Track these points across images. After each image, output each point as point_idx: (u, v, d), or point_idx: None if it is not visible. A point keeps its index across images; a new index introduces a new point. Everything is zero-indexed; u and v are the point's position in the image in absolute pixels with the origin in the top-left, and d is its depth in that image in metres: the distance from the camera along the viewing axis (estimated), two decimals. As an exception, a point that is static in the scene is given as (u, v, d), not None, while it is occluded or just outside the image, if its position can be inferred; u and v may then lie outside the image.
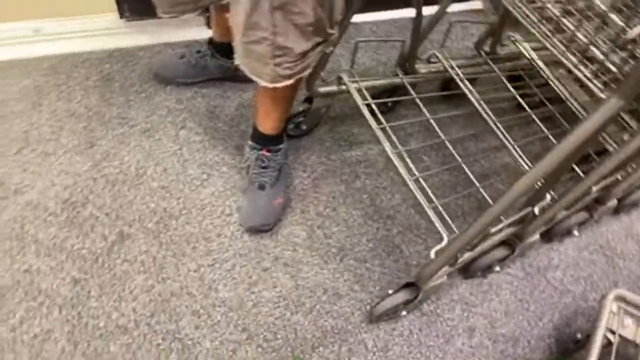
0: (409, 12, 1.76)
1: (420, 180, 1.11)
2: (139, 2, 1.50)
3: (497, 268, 1.23)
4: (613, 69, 0.74)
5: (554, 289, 1.27)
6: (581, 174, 1.21)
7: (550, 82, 1.38)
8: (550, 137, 1.30)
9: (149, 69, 1.44)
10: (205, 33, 1.57)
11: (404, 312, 1.13)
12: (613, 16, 0.72)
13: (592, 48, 0.77)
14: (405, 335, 1.14)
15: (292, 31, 0.88)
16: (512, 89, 1.36)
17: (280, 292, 1.14)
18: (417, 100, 1.26)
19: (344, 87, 1.28)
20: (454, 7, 1.26)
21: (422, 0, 1.18)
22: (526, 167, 1.19)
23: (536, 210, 1.09)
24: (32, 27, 1.45)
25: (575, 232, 1.33)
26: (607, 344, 0.98)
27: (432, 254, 1.00)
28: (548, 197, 1.10)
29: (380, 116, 1.18)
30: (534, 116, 1.32)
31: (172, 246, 1.16)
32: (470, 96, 1.24)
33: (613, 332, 0.98)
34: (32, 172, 1.20)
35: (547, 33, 0.82)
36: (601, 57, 0.75)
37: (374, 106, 1.21)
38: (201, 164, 1.30)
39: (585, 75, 0.76)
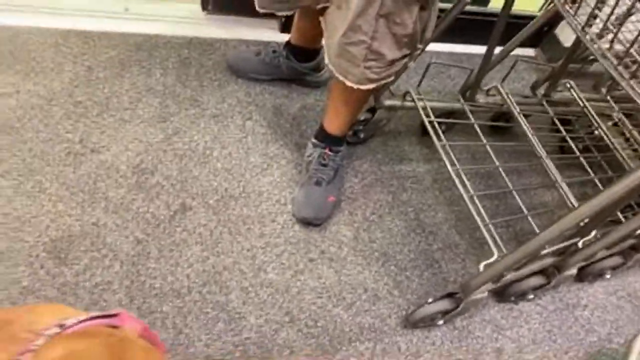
0: (466, 48, 1.88)
1: (475, 198, 1.17)
2: (223, -2, 1.62)
3: (531, 296, 1.27)
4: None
5: (581, 326, 1.31)
6: (622, 219, 1.27)
7: (600, 131, 1.45)
8: (597, 181, 1.36)
9: (224, 60, 1.53)
10: (277, 36, 1.67)
11: (441, 322, 1.17)
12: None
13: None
14: (437, 344, 1.17)
15: (389, 39, 0.96)
16: (563, 131, 1.43)
17: (323, 284, 1.19)
18: (476, 126, 1.33)
19: (408, 103, 1.36)
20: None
21: (496, 40, 1.27)
22: (573, 204, 1.25)
23: (580, 243, 1.15)
24: (123, 5, 1.56)
25: (608, 275, 1.37)
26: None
27: (481, 267, 1.06)
28: (593, 233, 1.15)
29: (441, 134, 1.26)
30: (582, 159, 1.39)
31: (229, 224, 1.22)
32: (527, 131, 1.31)
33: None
34: (108, 135, 1.28)
35: (625, 75, 0.90)
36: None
37: (436, 124, 1.28)
38: (263, 154, 1.37)
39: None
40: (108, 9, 1.53)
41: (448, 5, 1.17)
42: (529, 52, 2.04)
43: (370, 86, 1.05)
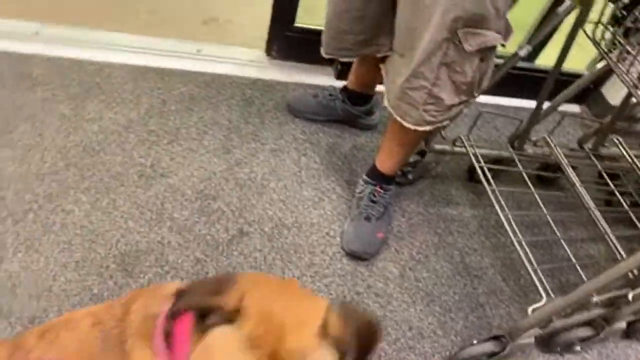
0: (511, 101, 1.95)
1: (524, 244, 1.19)
2: (285, 45, 1.75)
3: (578, 348, 1.26)
4: None
5: (630, 385, 1.28)
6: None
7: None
8: (646, 235, 1.36)
9: (284, 100, 1.65)
10: (332, 81, 1.78)
11: (486, 365, 1.17)
12: None
13: None
14: (481, 388, 1.17)
15: (449, 85, 1.03)
16: (612, 185, 1.44)
17: (369, 318, 1.22)
18: (524, 175, 1.37)
19: (457, 148, 1.42)
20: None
21: (546, 95, 1.34)
22: (622, 255, 1.25)
23: (630, 295, 1.14)
24: (196, 47, 1.71)
25: (658, 334, 1.34)
26: None
27: (529, 311, 1.07)
28: (644, 286, 1.15)
29: (491, 180, 1.30)
30: (631, 214, 1.40)
31: (282, 252, 1.27)
32: (575, 183, 1.34)
33: None
34: (177, 162, 1.38)
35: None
36: None
37: (485, 170, 1.33)
38: (315, 188, 1.45)
39: None
40: (183, 49, 1.69)
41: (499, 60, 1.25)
42: (574, 108, 2.09)
43: (427, 128, 1.12)
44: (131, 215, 1.24)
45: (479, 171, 1.31)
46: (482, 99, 1.91)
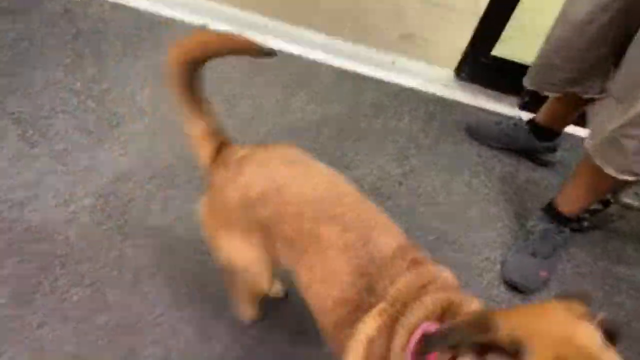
0: None
1: None
2: (476, 70, 1.79)
3: None
4: None
5: None
6: None
7: None
8: None
9: (464, 121, 1.69)
10: (515, 112, 1.77)
11: None
12: None
13: None
14: None
15: (670, 140, 0.99)
16: None
17: (516, 351, 1.21)
18: None
19: (650, 207, 1.32)
20: None
21: None
22: None
23: None
24: (391, 59, 1.84)
25: None
26: None
27: None
28: None
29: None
30: None
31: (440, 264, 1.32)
32: None
33: None
34: (359, 159, 1.53)
35: None
36: None
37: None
38: (481, 211, 1.47)
39: None
40: (379, 59, 1.83)
41: None
42: None
43: (629, 178, 1.08)
44: (315, 195, 1.40)
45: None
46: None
